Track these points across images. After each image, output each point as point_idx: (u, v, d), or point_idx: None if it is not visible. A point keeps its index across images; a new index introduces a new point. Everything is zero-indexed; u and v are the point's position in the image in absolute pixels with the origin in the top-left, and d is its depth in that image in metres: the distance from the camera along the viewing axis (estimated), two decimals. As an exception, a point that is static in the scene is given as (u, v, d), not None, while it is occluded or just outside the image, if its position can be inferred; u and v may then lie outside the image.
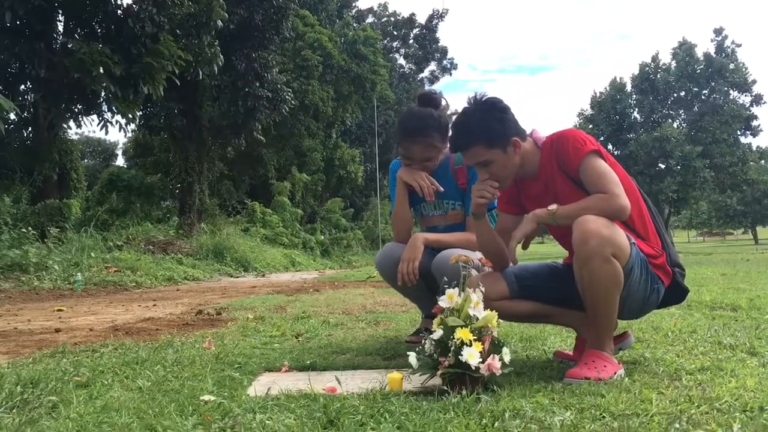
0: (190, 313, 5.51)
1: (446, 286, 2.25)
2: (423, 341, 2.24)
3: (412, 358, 2.21)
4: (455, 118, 2.57)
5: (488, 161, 2.49)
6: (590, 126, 48.33)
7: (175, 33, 12.47)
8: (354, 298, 6.68)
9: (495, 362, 2.09)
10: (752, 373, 2.28)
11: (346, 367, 2.72)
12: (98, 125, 14.65)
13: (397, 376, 2.24)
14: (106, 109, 12.88)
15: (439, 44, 48.42)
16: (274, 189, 25.03)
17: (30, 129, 13.89)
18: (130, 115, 12.79)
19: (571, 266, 2.42)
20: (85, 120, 13.24)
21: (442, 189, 3.18)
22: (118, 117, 12.88)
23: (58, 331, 4.40)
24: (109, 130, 35.08)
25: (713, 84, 46.50)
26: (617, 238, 2.29)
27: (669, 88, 48.08)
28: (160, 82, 11.92)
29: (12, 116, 12.35)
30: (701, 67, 46.93)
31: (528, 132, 2.61)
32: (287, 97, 18.98)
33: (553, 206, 2.40)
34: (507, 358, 2.16)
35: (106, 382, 2.43)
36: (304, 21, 27.84)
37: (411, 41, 48.00)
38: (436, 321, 2.22)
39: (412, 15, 47.62)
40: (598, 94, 50.67)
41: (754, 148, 49.67)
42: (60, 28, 12.57)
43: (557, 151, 2.48)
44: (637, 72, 49.80)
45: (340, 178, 33.03)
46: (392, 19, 47.19)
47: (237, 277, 13.70)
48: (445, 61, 49.08)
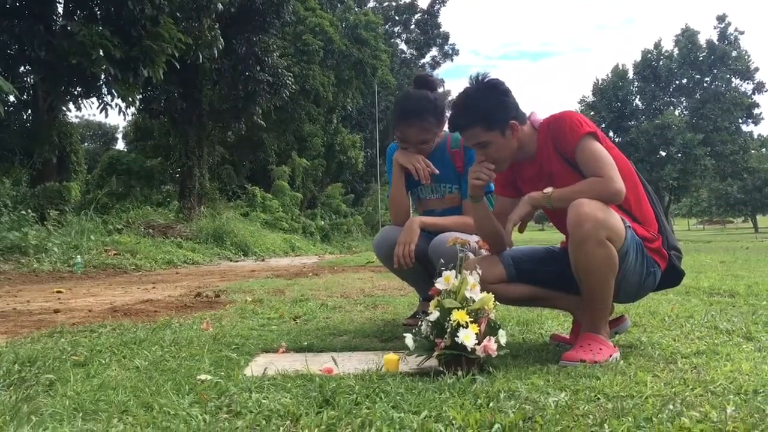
0: (189, 296, 5.52)
1: (443, 269, 2.25)
2: (420, 323, 2.25)
3: (409, 339, 2.22)
4: (456, 97, 2.56)
5: (486, 143, 2.48)
6: (592, 113, 48.24)
7: (175, 16, 12.41)
8: (353, 282, 6.69)
9: (491, 344, 2.10)
10: (747, 358, 2.30)
11: (343, 349, 2.73)
12: (98, 108, 14.64)
13: (394, 357, 2.25)
14: (106, 92, 12.84)
15: (441, 30, 48.32)
16: (274, 174, 25.02)
17: (29, 111, 13.87)
18: (130, 99, 12.76)
19: (568, 249, 2.42)
20: (85, 103, 13.23)
21: (438, 171, 3.17)
22: (117, 100, 12.85)
23: (56, 311, 4.41)
24: (108, 114, 35.02)
25: (715, 71, 46.37)
26: (612, 221, 2.29)
27: (671, 76, 47.94)
28: (160, 65, 11.87)
29: (11, 98, 12.28)
30: (704, 54, 46.78)
31: (527, 115, 2.60)
32: (288, 81, 18.94)
33: (548, 189, 2.40)
34: (503, 340, 2.16)
35: (104, 362, 2.44)
36: (305, 5, 27.71)
37: (412, 26, 47.83)
38: (432, 303, 2.22)
39: (414, 0, 47.44)
40: (600, 81, 50.56)
41: (755, 136, 49.64)
42: (60, 10, 12.51)
43: (554, 133, 2.47)
44: (639, 59, 49.63)
45: (340, 164, 33.03)
46: (394, 4, 47.01)
47: (236, 261, 13.72)
48: (446, 47, 49.04)
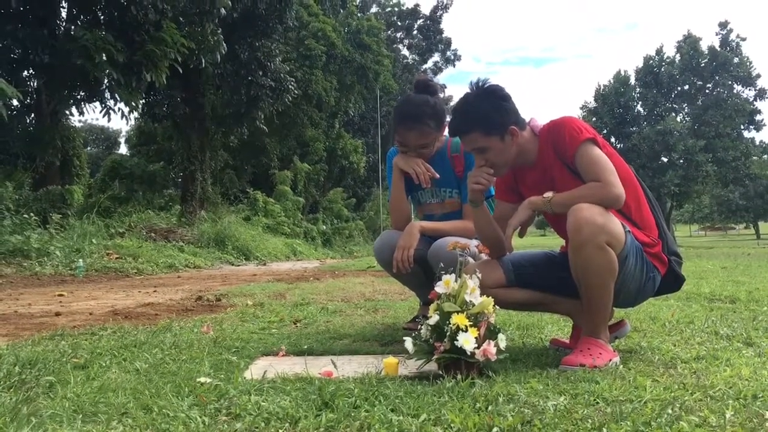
0: (190, 299, 5.53)
1: (443, 273, 2.26)
2: (419, 327, 2.25)
3: (408, 343, 2.22)
4: (456, 102, 2.57)
5: (485, 148, 2.49)
6: (594, 119, 48.18)
7: (178, 20, 12.45)
8: (353, 287, 6.69)
9: (490, 348, 2.10)
10: (747, 363, 2.30)
11: (343, 352, 2.73)
12: (101, 112, 14.65)
13: (393, 360, 2.25)
14: (109, 97, 12.86)
15: (443, 35, 48.35)
16: (276, 178, 25.02)
17: (33, 115, 13.91)
18: (133, 103, 12.77)
19: (567, 254, 2.43)
20: (88, 107, 13.25)
21: (438, 175, 3.17)
22: (120, 104, 12.88)
23: (58, 314, 4.42)
24: (111, 118, 34.92)
25: (717, 78, 46.30)
26: (611, 226, 2.29)
27: (673, 82, 47.89)
28: (162, 70, 11.90)
29: (15, 102, 12.34)
30: (705, 60, 46.71)
31: (527, 120, 2.61)
32: (290, 86, 18.95)
33: (548, 194, 2.41)
34: (503, 344, 2.17)
35: (104, 364, 2.45)
36: (308, 10, 27.75)
37: (415, 32, 47.90)
38: (432, 306, 2.22)
39: (416, 6, 47.62)
40: (602, 87, 50.52)
41: (757, 143, 49.56)
42: (63, 14, 12.57)
43: (554, 138, 2.48)
44: (641, 65, 49.61)
45: (342, 169, 33.02)
46: (396, 10, 47.06)
47: (238, 266, 13.72)
48: (448, 53, 49.03)
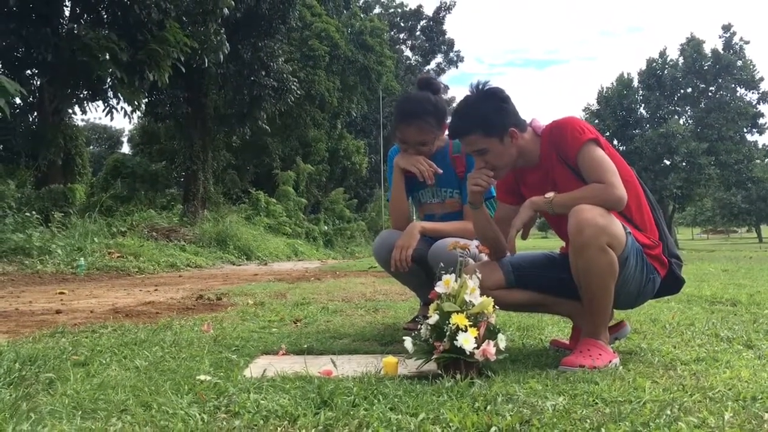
0: (191, 298, 5.53)
1: (443, 273, 2.26)
2: (419, 327, 2.25)
3: (408, 342, 2.22)
4: (456, 104, 2.58)
5: (485, 150, 2.49)
6: (596, 121, 48.15)
7: (182, 20, 12.45)
8: (354, 287, 6.69)
9: (490, 348, 2.10)
10: (747, 365, 2.30)
11: (343, 352, 2.73)
12: (103, 111, 14.68)
13: (393, 360, 2.25)
14: (112, 96, 12.89)
15: (446, 36, 48.39)
16: (279, 178, 25.04)
17: (35, 114, 13.90)
18: (136, 102, 12.79)
19: (568, 255, 2.43)
20: (91, 106, 13.28)
21: (441, 171, 3.16)
22: (123, 104, 12.90)
23: (58, 312, 4.43)
24: (114, 117, 35.05)
25: (720, 81, 46.26)
26: (613, 227, 2.29)
27: (676, 84, 47.84)
28: (165, 69, 11.91)
29: (17, 101, 12.33)
30: (708, 63, 46.67)
31: (528, 121, 2.61)
32: (293, 86, 18.98)
33: (550, 194, 2.40)
34: (502, 345, 2.16)
35: (104, 362, 2.45)
36: (311, 11, 27.79)
37: (418, 33, 47.94)
38: (432, 306, 2.22)
39: (420, 7, 47.67)
40: (604, 89, 50.48)
41: (760, 146, 49.49)
42: (66, 13, 12.57)
43: (556, 139, 2.48)
44: (644, 67, 49.57)
45: (344, 169, 33.05)
46: (399, 11, 47.12)
47: (239, 265, 13.73)
48: (451, 54, 49.06)
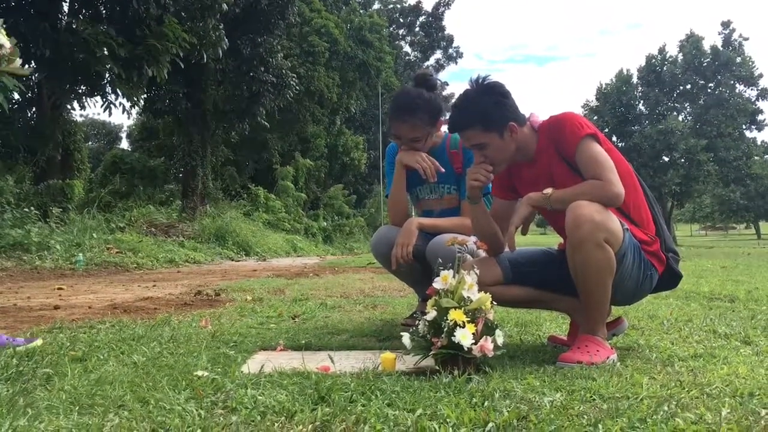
0: (189, 294, 5.53)
1: (441, 268, 2.25)
2: (417, 322, 2.25)
3: (406, 338, 2.22)
4: (456, 98, 2.57)
5: (484, 144, 2.49)
6: (595, 117, 48.13)
7: (180, 15, 12.43)
8: (353, 283, 6.69)
9: (488, 344, 2.10)
10: (745, 361, 2.30)
11: (341, 348, 2.73)
12: (102, 107, 14.65)
13: (390, 356, 2.25)
14: (110, 91, 12.85)
15: (445, 32, 48.33)
16: (278, 174, 25.03)
17: (34, 109, 13.90)
18: (134, 98, 12.78)
19: (565, 252, 2.42)
20: (89, 101, 13.23)
21: (444, 170, 3.15)
22: (122, 99, 12.87)
23: (57, 308, 4.42)
24: (112, 113, 35.05)
25: (719, 77, 46.26)
26: (610, 223, 2.29)
27: (675, 81, 47.82)
28: (164, 65, 11.89)
29: (16, 96, 12.34)
30: (708, 60, 46.67)
31: (527, 116, 2.60)
32: (292, 82, 18.96)
33: (548, 190, 2.40)
34: (500, 341, 2.16)
35: (102, 357, 2.44)
36: (310, 6, 27.74)
37: (417, 29, 47.88)
38: (430, 302, 2.22)
39: (419, 2, 47.54)
40: (603, 86, 50.45)
41: (759, 143, 49.53)
42: (65, 8, 12.53)
43: (554, 134, 2.47)
44: (643, 64, 49.54)
45: (343, 165, 33.03)
46: (398, 6, 47.05)
47: (238, 261, 13.73)
48: (450, 50, 49.00)
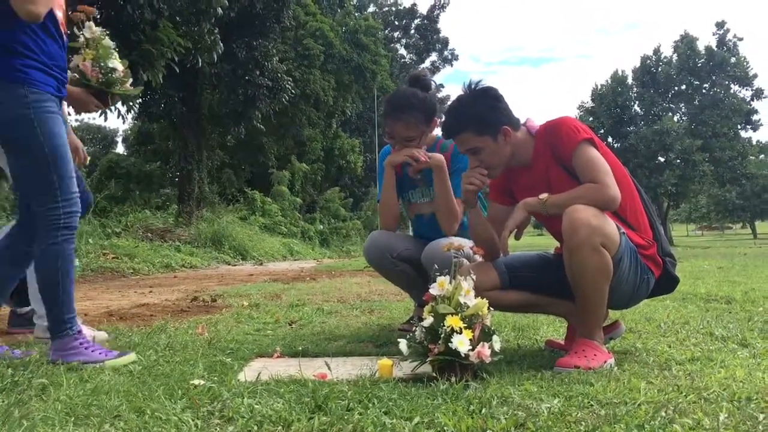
0: (186, 300, 5.52)
1: (437, 274, 2.25)
2: (414, 329, 2.24)
3: (403, 345, 2.21)
4: (449, 103, 2.58)
5: (478, 148, 2.49)
6: (591, 118, 48.16)
7: (175, 20, 12.40)
8: (350, 287, 6.69)
9: (485, 350, 2.10)
10: (742, 364, 2.30)
11: (338, 354, 2.72)
12: (97, 112, 14.59)
13: (388, 362, 2.24)
14: (105, 96, 12.79)
15: (441, 35, 48.34)
16: (274, 178, 25.01)
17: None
18: (130, 102, 12.73)
19: (562, 256, 2.42)
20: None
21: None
22: (117, 104, 12.83)
23: (52, 315, 4.39)
24: (108, 117, 34.99)
25: (714, 78, 46.32)
26: (606, 227, 2.29)
27: (670, 82, 47.89)
28: (159, 69, 11.86)
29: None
30: (702, 60, 46.74)
31: (522, 121, 2.61)
32: (287, 86, 18.93)
33: (543, 195, 2.40)
34: (497, 346, 2.16)
35: (97, 366, 2.43)
36: (306, 10, 27.73)
37: (412, 31, 47.89)
38: (426, 308, 2.22)
39: (414, 5, 47.74)
40: (599, 87, 50.51)
41: (754, 143, 49.63)
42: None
43: (551, 139, 2.48)
44: (638, 65, 49.63)
45: (339, 168, 32.99)
46: (393, 9, 47.08)
47: (235, 265, 13.71)
48: (446, 52, 49.01)
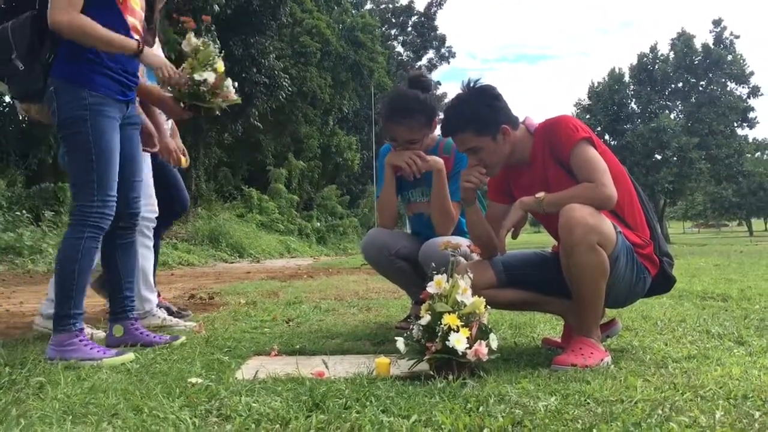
0: (183, 298, 5.52)
1: (435, 272, 2.25)
2: (411, 327, 2.25)
3: (400, 343, 2.22)
4: (448, 102, 2.58)
5: (477, 148, 2.49)
6: (587, 116, 48.16)
7: (171, 17, 12.38)
8: (347, 285, 6.69)
9: (482, 348, 2.10)
10: (738, 362, 2.31)
11: (335, 352, 2.72)
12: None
13: (385, 360, 2.25)
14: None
15: (438, 32, 48.23)
16: (271, 176, 24.98)
17: (25, 112, 13.78)
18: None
19: (559, 254, 2.43)
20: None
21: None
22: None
23: (49, 313, 4.39)
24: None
25: (711, 75, 46.34)
26: (603, 226, 2.30)
27: (667, 79, 47.91)
28: (156, 67, 11.83)
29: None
30: (699, 58, 46.76)
31: (521, 120, 2.61)
32: (284, 83, 18.92)
33: (540, 194, 2.40)
34: (494, 344, 2.17)
35: (95, 364, 2.43)
36: (302, 7, 27.68)
37: (409, 29, 47.80)
38: (424, 307, 2.22)
39: (411, 2, 47.44)
40: (595, 84, 50.52)
41: (750, 140, 49.70)
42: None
43: (550, 138, 2.48)
44: (635, 62, 49.64)
45: (336, 165, 32.96)
46: (390, 6, 46.98)
47: (232, 263, 13.70)
48: (443, 50, 48.90)
